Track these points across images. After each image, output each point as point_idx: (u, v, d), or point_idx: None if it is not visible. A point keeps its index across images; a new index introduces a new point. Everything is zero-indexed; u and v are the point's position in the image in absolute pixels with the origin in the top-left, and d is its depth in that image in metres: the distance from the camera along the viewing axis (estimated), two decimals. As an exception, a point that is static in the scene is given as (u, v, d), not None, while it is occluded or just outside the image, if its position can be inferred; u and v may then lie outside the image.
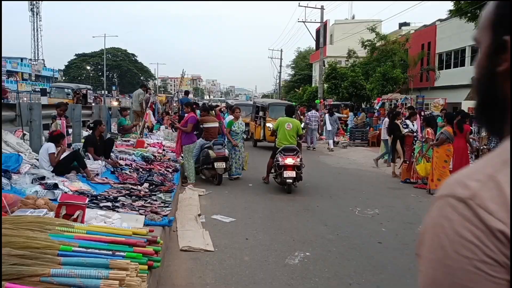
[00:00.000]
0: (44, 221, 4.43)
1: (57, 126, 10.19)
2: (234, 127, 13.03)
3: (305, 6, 39.62)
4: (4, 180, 6.68)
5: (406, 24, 54.06)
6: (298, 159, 10.84)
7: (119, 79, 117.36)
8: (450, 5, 22.45)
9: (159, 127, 19.28)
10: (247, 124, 21.28)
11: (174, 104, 29.17)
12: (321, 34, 38.45)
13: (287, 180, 10.68)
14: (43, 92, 19.86)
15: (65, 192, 6.71)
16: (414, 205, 10.47)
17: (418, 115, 17.62)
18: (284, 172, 10.64)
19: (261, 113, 21.87)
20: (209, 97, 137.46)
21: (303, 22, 40.67)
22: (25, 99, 43.73)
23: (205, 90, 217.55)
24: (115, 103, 44.52)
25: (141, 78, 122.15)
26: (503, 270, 0.81)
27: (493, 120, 1.13)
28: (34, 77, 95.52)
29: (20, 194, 6.37)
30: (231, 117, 13.87)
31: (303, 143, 19.06)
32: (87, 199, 5.36)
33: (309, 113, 23.89)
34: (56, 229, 4.32)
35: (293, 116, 12.45)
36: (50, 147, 8.22)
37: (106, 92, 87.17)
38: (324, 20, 39.13)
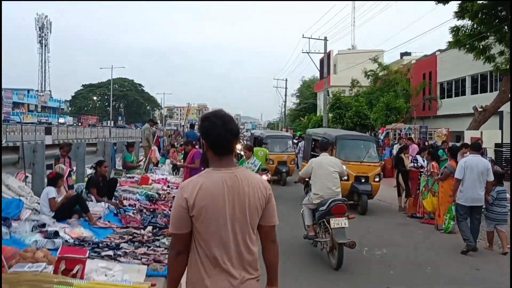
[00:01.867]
0: (42, 279, 4.28)
1: (59, 169, 10.09)
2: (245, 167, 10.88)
3: (309, 38, 39.98)
4: (3, 229, 6.56)
5: (407, 53, 54.86)
6: (268, 176, 13.08)
7: (125, 109, 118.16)
8: (449, 37, 22.64)
9: (165, 161, 19.15)
10: (283, 163, 20.40)
11: (180, 132, 29.28)
12: (325, 64, 38.69)
13: None
14: (48, 131, 19.73)
15: (66, 241, 6.57)
16: (421, 243, 10.28)
17: (416, 144, 17.65)
18: None
19: (261, 146, 20.77)
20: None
21: (307, 52, 41.01)
22: (29, 134, 43.85)
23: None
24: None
25: (147, 107, 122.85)
26: (186, 210, 2.79)
27: None
28: (41, 108, 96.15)
29: (19, 244, 6.24)
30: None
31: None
32: (88, 251, 5.21)
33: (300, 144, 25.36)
34: (54, 287, 4.18)
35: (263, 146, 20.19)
36: (50, 191, 8.10)
37: (113, 122, 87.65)
38: (327, 51, 39.39)
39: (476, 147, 10.37)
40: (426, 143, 21.61)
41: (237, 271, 2.80)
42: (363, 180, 13.98)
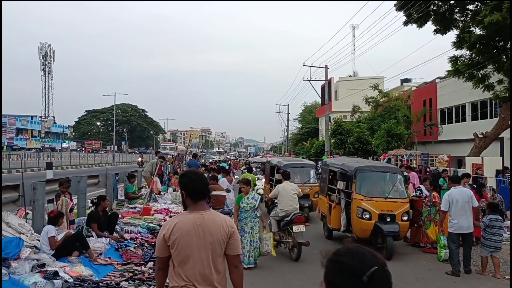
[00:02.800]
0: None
1: (63, 202, 10.11)
2: (242, 203, 10.22)
3: (310, 66, 40.24)
4: (2, 270, 6.55)
5: (407, 80, 55.27)
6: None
7: (129, 133, 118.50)
8: (449, 66, 22.84)
9: (167, 189, 19.15)
10: (306, 196, 16.19)
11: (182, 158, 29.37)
12: (326, 92, 38.88)
13: None
14: (49, 166, 19.69)
15: (65, 281, 6.58)
16: (424, 274, 10.17)
17: (415, 172, 17.67)
18: None
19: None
20: (218, 148, 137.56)
21: (308, 80, 41.36)
22: (32, 159, 44.02)
23: (215, 142, 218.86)
24: (139, 159, 56.63)
25: (151, 132, 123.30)
26: (164, 241, 3.63)
27: None
28: (44, 133, 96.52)
29: (18, 286, 6.26)
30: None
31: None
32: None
33: None
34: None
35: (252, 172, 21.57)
36: (50, 230, 8.12)
37: (116, 147, 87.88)
38: (328, 78, 39.65)
39: (455, 179, 11.23)
40: (428, 169, 21.62)
41: (202, 287, 3.69)
42: (388, 219, 11.89)
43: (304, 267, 10.26)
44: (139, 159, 57.14)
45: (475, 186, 13.41)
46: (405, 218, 12.07)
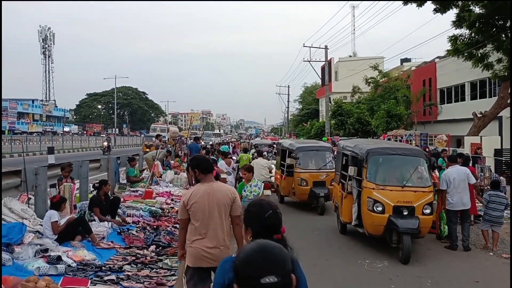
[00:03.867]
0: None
1: (65, 188, 10.19)
2: (245, 191, 9.09)
3: (310, 47, 40.19)
4: (5, 255, 6.64)
5: (407, 60, 55.04)
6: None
7: (129, 116, 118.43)
8: (448, 46, 22.86)
9: (168, 171, 19.20)
10: (321, 184, 14.98)
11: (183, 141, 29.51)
12: (326, 73, 38.86)
13: None
14: (50, 150, 19.74)
15: (69, 265, 6.66)
16: (422, 254, 10.24)
17: None
18: None
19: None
20: (219, 131, 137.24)
21: (308, 61, 41.33)
22: (34, 143, 44.16)
23: (216, 124, 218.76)
24: (105, 144, 46.52)
25: (152, 115, 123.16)
26: (184, 206, 5.09)
27: None
28: (45, 117, 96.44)
29: (22, 271, 6.33)
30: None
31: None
32: (89, 281, 5.28)
33: None
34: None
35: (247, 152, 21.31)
36: (53, 215, 8.19)
37: (117, 130, 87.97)
38: (328, 59, 39.57)
39: (453, 159, 11.72)
40: (427, 150, 21.69)
41: (211, 241, 4.89)
42: (405, 213, 9.87)
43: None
44: (105, 143, 46.09)
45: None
46: (428, 211, 10.05)
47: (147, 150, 24.42)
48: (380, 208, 9.90)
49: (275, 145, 32.91)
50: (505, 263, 9.53)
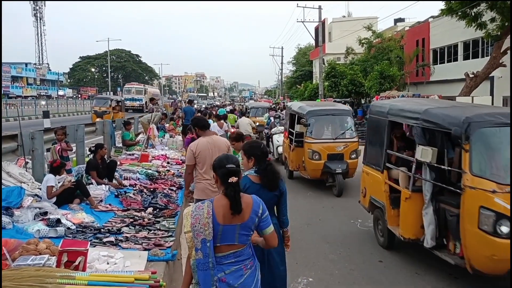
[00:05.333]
0: (45, 274, 4.49)
1: (53, 151, 10.36)
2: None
3: (303, 7, 40.01)
4: (5, 218, 6.79)
5: (401, 20, 54.96)
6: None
7: (124, 79, 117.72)
8: (442, 5, 22.85)
9: (164, 135, 19.31)
10: (338, 157, 12.54)
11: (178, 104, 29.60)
12: (320, 33, 38.69)
13: None
14: (46, 114, 19.73)
15: (68, 228, 6.81)
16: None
17: None
18: None
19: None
20: (213, 94, 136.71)
21: (302, 22, 41.15)
22: (29, 107, 44.00)
23: (209, 86, 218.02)
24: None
25: (146, 78, 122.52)
26: (192, 154, 6.64)
27: None
28: (39, 81, 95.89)
29: (22, 233, 6.48)
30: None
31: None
32: (88, 243, 5.43)
33: None
34: (57, 281, 4.39)
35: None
36: (50, 179, 8.29)
37: (112, 93, 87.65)
38: (322, 19, 39.36)
39: None
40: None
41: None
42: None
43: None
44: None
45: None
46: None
47: (99, 119, 22.04)
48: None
49: (276, 108, 32.41)
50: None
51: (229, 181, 3.38)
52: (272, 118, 22.12)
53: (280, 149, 16.90)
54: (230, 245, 3.38)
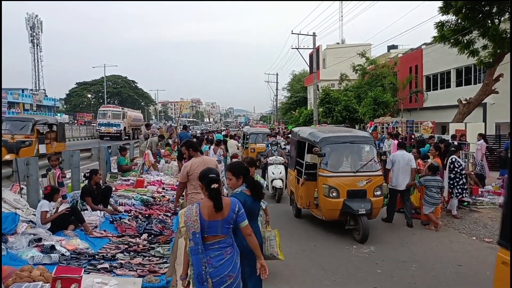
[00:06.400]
0: (39, 300, 4.50)
1: (50, 176, 10.34)
2: None
3: (298, 34, 40.52)
4: None
5: (394, 46, 55.64)
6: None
7: (120, 105, 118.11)
8: (435, 32, 23.24)
9: (159, 161, 19.30)
10: (359, 195, 10.44)
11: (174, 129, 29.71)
12: (314, 60, 39.09)
13: None
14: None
15: (62, 254, 6.79)
16: (408, 239, 10.57)
17: (397, 140, 18.19)
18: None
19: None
20: (209, 119, 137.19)
21: (297, 48, 41.61)
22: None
23: (205, 112, 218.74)
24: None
25: (142, 103, 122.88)
26: (186, 172, 7.77)
27: None
28: (36, 107, 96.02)
29: (16, 260, 6.44)
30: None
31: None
32: (82, 270, 5.42)
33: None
34: (51, 308, 4.40)
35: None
36: (44, 205, 8.26)
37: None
38: (316, 46, 39.83)
39: (402, 145, 13.27)
40: (413, 136, 21.99)
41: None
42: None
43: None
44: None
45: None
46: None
47: (10, 157, 13.97)
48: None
49: (276, 135, 30.46)
50: (487, 247, 9.85)
51: (212, 187, 4.53)
52: (269, 146, 18.13)
53: (277, 183, 15.20)
54: (214, 236, 4.52)
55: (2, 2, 7.38)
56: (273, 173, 15.48)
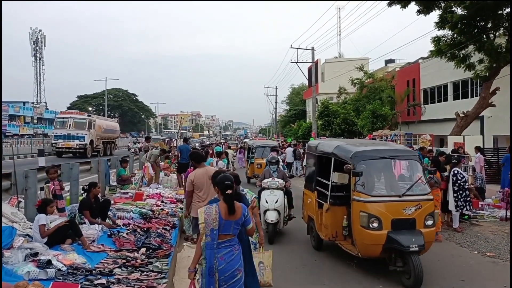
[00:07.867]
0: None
1: (45, 190, 10.30)
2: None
3: (297, 48, 40.88)
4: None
5: (391, 61, 56.03)
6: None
7: (120, 118, 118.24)
8: (431, 47, 23.46)
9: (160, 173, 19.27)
10: (409, 223, 8.10)
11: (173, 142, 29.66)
12: (313, 73, 39.36)
13: None
14: (41, 153, 19.61)
15: (59, 269, 6.69)
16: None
17: None
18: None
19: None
20: (209, 132, 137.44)
21: (296, 62, 41.96)
22: (25, 146, 43.74)
23: (205, 125, 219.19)
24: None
25: (142, 116, 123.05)
26: (191, 182, 8.59)
27: None
28: (37, 120, 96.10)
29: (12, 275, 6.35)
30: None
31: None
32: (79, 285, 5.34)
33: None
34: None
35: None
36: (41, 218, 8.17)
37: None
38: (315, 60, 40.13)
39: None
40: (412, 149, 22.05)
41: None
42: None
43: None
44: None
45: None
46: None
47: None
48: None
49: (279, 149, 25.63)
50: (489, 261, 9.75)
51: (226, 192, 5.00)
52: (268, 164, 13.19)
53: (270, 216, 11.22)
54: (226, 234, 5.01)
55: (2, 2, 7.39)
56: (266, 202, 11.50)
